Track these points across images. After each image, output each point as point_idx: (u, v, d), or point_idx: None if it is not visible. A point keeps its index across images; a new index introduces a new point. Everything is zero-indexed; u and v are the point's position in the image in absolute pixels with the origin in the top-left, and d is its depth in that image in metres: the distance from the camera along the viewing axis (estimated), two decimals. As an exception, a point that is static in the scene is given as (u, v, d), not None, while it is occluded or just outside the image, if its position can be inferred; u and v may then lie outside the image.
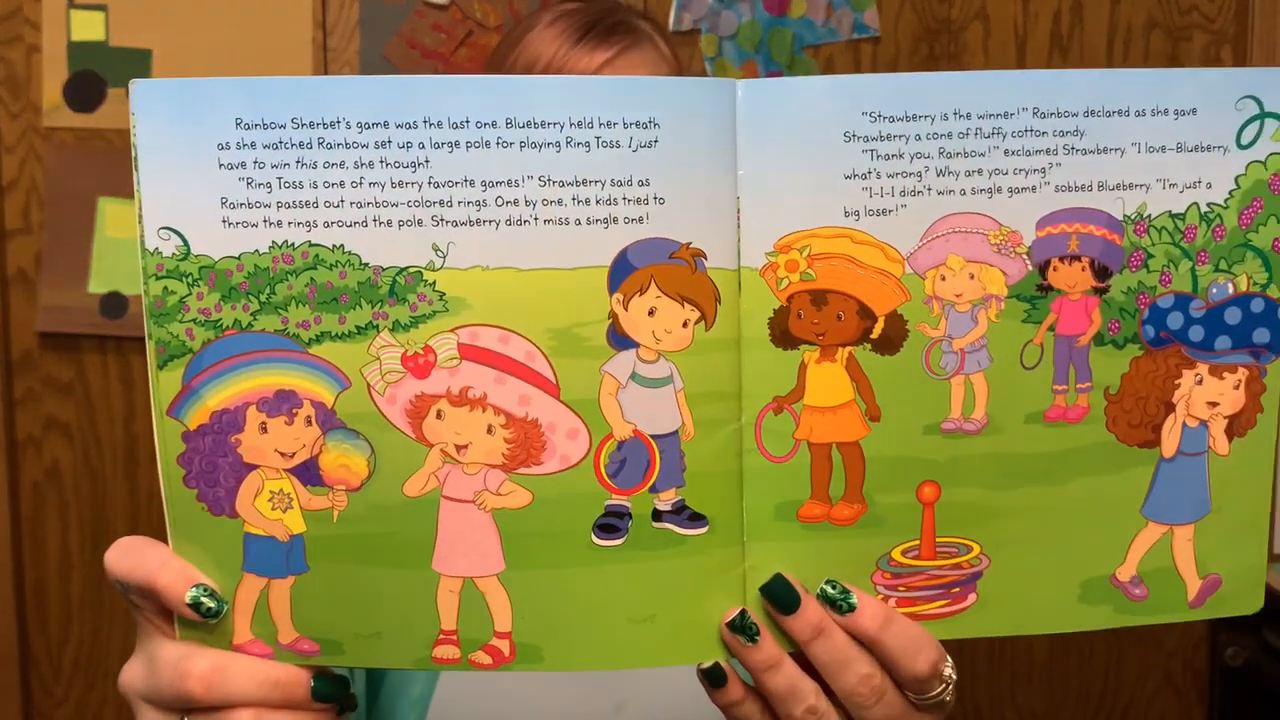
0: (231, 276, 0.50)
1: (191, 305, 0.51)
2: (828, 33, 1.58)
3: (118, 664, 1.59)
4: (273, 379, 0.51)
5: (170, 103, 0.49)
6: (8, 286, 1.54)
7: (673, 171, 0.50)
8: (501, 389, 0.51)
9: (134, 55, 1.51)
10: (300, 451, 0.52)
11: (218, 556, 0.54)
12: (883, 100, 0.51)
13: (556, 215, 0.50)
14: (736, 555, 0.54)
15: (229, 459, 0.53)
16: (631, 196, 0.50)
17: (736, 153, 0.51)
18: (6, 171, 1.53)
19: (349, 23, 1.53)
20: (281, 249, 0.50)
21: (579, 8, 1.02)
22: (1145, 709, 1.75)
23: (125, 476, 1.57)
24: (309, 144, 0.49)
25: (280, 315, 0.51)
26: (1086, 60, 1.62)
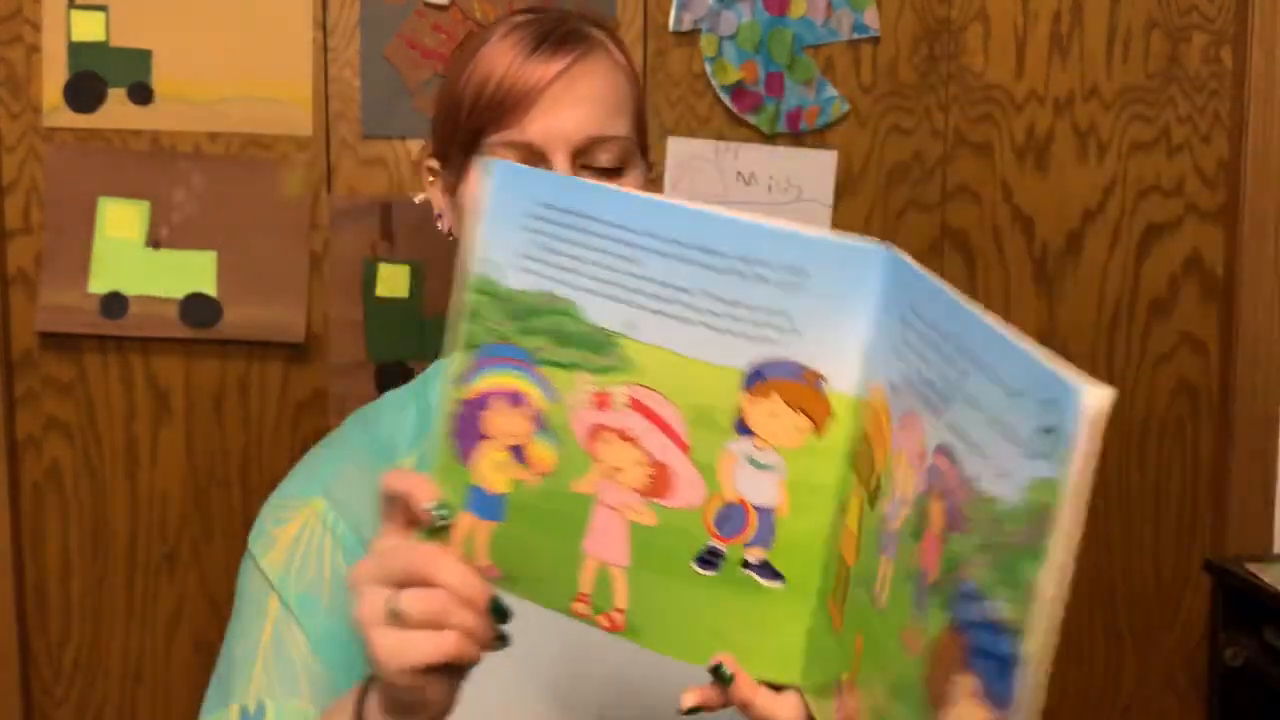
0: (513, 304, 0.69)
1: (488, 314, 0.70)
2: (827, 33, 1.58)
3: (118, 664, 1.59)
4: (513, 381, 0.71)
5: (511, 178, 0.70)
6: (8, 286, 1.54)
7: (811, 312, 0.64)
8: (650, 437, 0.68)
9: (134, 56, 1.51)
10: (518, 437, 0.71)
11: (451, 492, 0.72)
12: None
13: (714, 323, 0.65)
14: (800, 611, 0.68)
15: (475, 427, 0.71)
16: (774, 324, 0.65)
17: (866, 308, 0.63)
18: (7, 172, 1.53)
19: (349, 23, 1.53)
20: (543, 295, 0.69)
21: (532, 19, 1.03)
22: (1144, 709, 1.75)
23: (125, 476, 1.57)
24: (578, 229, 0.67)
25: (530, 339, 0.69)
26: (1086, 61, 1.62)
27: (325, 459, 1.07)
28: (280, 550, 1.00)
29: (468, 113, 1.00)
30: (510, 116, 0.99)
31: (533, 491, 0.70)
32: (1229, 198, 1.66)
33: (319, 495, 1.02)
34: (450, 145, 1.04)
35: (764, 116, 1.58)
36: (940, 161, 1.62)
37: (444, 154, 1.06)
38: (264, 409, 1.58)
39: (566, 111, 0.99)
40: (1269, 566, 1.57)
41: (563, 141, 0.99)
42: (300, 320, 1.54)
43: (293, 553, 1.00)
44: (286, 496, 1.04)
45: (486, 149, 1.00)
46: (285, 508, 1.03)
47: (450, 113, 1.03)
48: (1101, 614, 1.72)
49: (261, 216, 1.53)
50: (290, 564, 1.00)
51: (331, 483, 1.04)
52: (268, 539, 1.02)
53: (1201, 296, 1.68)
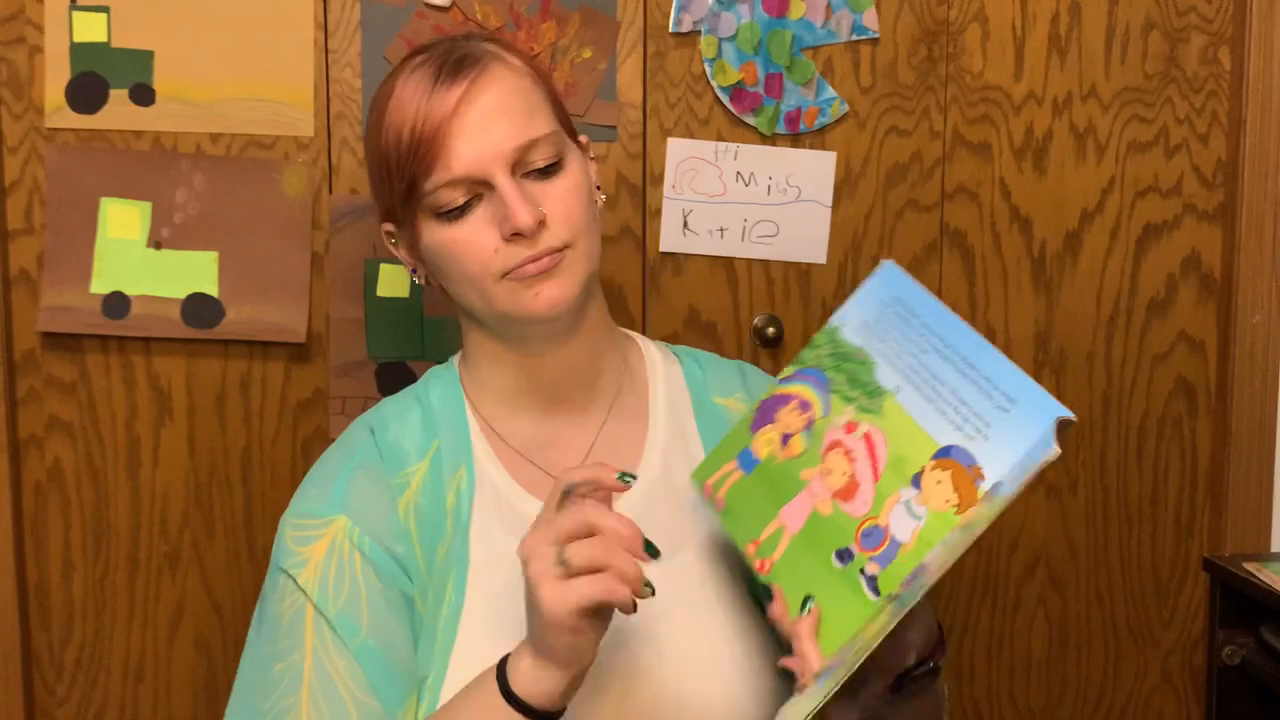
0: (839, 348, 1.00)
1: (821, 348, 1.01)
2: (827, 34, 1.58)
3: (119, 663, 1.60)
4: (810, 394, 1.00)
5: (891, 279, 1.00)
6: (10, 286, 1.55)
7: (1002, 428, 0.87)
8: (862, 461, 0.93)
9: (136, 57, 1.52)
10: (791, 429, 0.99)
11: (730, 449, 1.04)
12: None
13: (944, 409, 0.90)
14: (865, 616, 0.88)
15: (771, 413, 1.01)
16: (977, 426, 0.88)
17: (1030, 441, 0.85)
18: (9, 172, 1.53)
19: (350, 24, 1.54)
20: (859, 350, 0.98)
21: (425, 58, 1.05)
22: (1143, 707, 1.75)
23: (127, 476, 1.58)
24: (904, 319, 0.96)
25: (835, 374, 0.98)
26: (1084, 61, 1.63)
27: (337, 471, 1.07)
28: (313, 568, 1.01)
29: (396, 168, 1.02)
30: (434, 158, 1.00)
31: (776, 465, 0.99)
32: (1227, 198, 1.67)
33: (339, 512, 1.03)
34: (394, 205, 1.05)
35: (763, 117, 1.58)
36: (939, 162, 1.63)
37: (393, 215, 1.07)
38: (265, 408, 1.58)
39: (485, 133, 1.00)
40: (1267, 565, 1.58)
41: (494, 161, 1.01)
42: (301, 320, 1.54)
43: (326, 571, 1.01)
44: (306, 514, 1.04)
45: (428, 197, 1.01)
46: (308, 526, 1.03)
47: (382, 175, 1.04)
48: (1099, 612, 1.73)
49: (263, 217, 1.53)
50: (326, 582, 1.00)
51: (349, 497, 1.04)
52: (298, 557, 1.02)
53: (1199, 296, 1.69)
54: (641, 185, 1.59)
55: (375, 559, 1.02)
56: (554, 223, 1.02)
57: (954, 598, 1.71)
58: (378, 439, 1.08)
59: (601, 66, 1.56)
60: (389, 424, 1.10)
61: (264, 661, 1.01)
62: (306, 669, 0.98)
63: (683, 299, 1.62)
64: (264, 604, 1.05)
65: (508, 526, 1.06)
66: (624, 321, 1.60)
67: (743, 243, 1.60)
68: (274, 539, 1.08)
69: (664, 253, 1.60)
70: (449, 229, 1.03)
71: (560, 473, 0.92)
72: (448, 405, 1.12)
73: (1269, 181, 1.64)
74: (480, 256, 1.02)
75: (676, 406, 1.16)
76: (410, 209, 1.03)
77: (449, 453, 1.09)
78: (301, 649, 0.99)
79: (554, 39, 1.54)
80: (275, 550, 1.05)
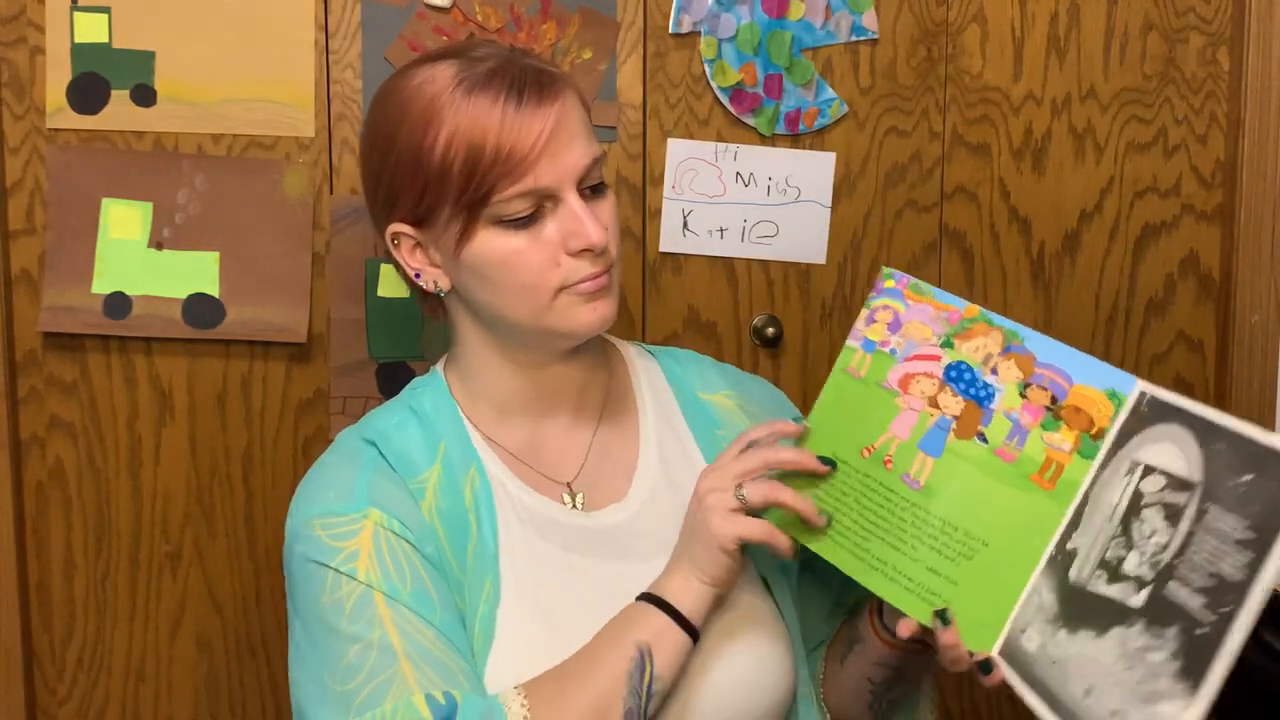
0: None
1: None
2: (826, 35, 1.59)
3: (121, 662, 1.60)
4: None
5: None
6: (12, 287, 1.55)
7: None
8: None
9: (137, 57, 1.52)
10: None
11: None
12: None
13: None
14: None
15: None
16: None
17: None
18: (10, 173, 1.54)
19: (350, 25, 1.54)
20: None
21: (491, 68, 1.05)
22: (1142, 707, 1.75)
23: (129, 476, 1.58)
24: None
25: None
26: (1083, 62, 1.63)
27: (352, 476, 1.07)
28: (368, 558, 1.00)
29: (465, 176, 1.02)
30: (522, 171, 1.02)
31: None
32: (1226, 198, 1.67)
33: (369, 507, 1.03)
34: (440, 207, 1.05)
35: (763, 118, 1.59)
36: (938, 162, 1.63)
37: (424, 218, 1.07)
38: (266, 408, 1.58)
39: (565, 152, 1.04)
40: (1265, 565, 1.58)
41: (567, 177, 1.05)
42: (302, 320, 1.55)
43: (382, 559, 1.01)
44: (333, 513, 1.04)
45: (495, 205, 1.03)
46: (339, 523, 1.03)
47: (433, 177, 1.04)
48: (1099, 612, 1.73)
49: (263, 217, 1.54)
50: (386, 570, 1.00)
51: (374, 495, 1.04)
52: (343, 552, 1.01)
53: (1198, 296, 1.69)
54: (641, 185, 1.60)
55: (420, 546, 1.04)
56: (608, 241, 1.07)
57: (953, 597, 1.71)
58: (382, 449, 1.09)
59: (601, 67, 1.56)
60: (389, 435, 1.10)
61: (335, 650, 1.00)
62: (396, 642, 0.98)
63: (682, 299, 1.62)
64: (308, 602, 1.03)
65: (523, 520, 1.08)
66: (624, 321, 1.61)
67: (742, 243, 1.61)
68: (286, 543, 1.08)
69: (664, 253, 1.61)
70: (510, 237, 1.04)
71: (750, 430, 1.09)
72: (442, 412, 1.12)
73: (1267, 182, 1.65)
74: (539, 268, 1.05)
75: (662, 403, 1.20)
76: (471, 216, 1.04)
77: (456, 455, 1.10)
78: (382, 627, 0.98)
79: (554, 39, 1.55)
80: (305, 549, 1.04)
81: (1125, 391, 0.99)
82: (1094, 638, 0.92)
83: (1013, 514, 1.00)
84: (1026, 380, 1.03)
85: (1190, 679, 0.84)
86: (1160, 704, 0.85)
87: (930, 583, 1.01)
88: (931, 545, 1.02)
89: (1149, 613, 0.89)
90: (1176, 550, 0.89)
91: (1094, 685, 0.91)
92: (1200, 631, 0.84)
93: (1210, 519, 0.88)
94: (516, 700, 0.97)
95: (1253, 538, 0.83)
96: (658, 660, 1.00)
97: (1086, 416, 1.00)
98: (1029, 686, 0.96)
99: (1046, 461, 1.00)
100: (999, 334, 1.05)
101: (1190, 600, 0.86)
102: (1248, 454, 0.87)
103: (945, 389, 1.05)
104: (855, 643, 1.15)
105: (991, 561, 1.00)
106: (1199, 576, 0.86)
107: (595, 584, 1.07)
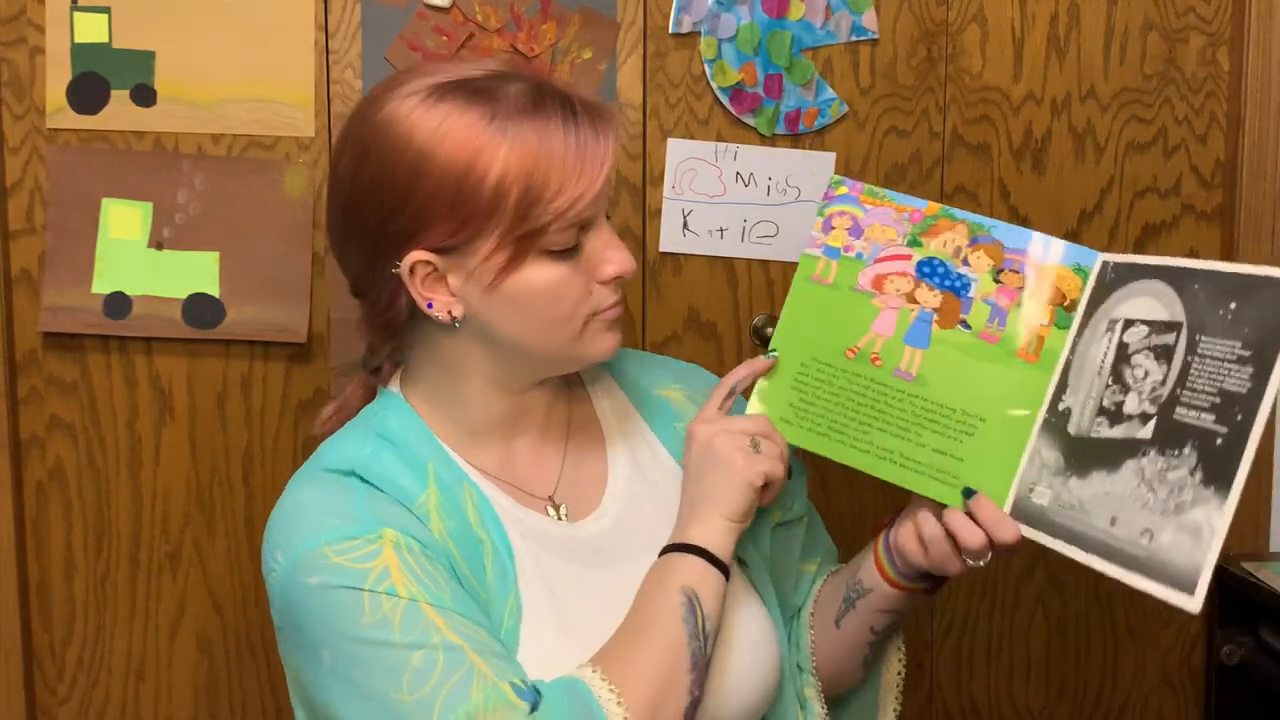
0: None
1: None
2: (826, 35, 1.59)
3: (121, 662, 1.60)
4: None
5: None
6: (12, 287, 1.55)
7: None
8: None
9: (137, 57, 1.52)
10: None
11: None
12: None
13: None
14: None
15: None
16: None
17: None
18: (10, 173, 1.54)
19: (351, 25, 1.54)
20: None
21: (540, 91, 1.02)
22: (1141, 706, 1.76)
23: (129, 476, 1.58)
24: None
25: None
26: (1083, 62, 1.63)
27: (346, 501, 1.02)
28: (401, 574, 0.97)
29: (524, 206, 0.99)
30: (584, 200, 1.01)
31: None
32: (1225, 198, 1.67)
33: (382, 527, 0.99)
34: (482, 238, 1.01)
35: (763, 118, 1.59)
36: (938, 162, 1.63)
37: (455, 248, 1.02)
38: (266, 408, 1.58)
39: (606, 180, 1.04)
40: (1265, 564, 1.58)
41: (605, 206, 1.06)
42: (302, 320, 1.55)
43: (415, 574, 0.97)
44: (345, 538, 0.98)
45: (550, 235, 1.01)
46: (355, 548, 0.98)
47: (482, 207, 0.99)
48: (1099, 611, 1.73)
49: (264, 217, 1.54)
50: (423, 582, 0.97)
51: (383, 516, 1.00)
52: (374, 573, 0.97)
53: (1198, 296, 1.69)
54: (641, 185, 1.60)
55: (441, 560, 1.01)
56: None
57: (954, 597, 1.71)
58: (366, 477, 1.03)
59: (601, 67, 1.56)
60: (368, 463, 1.04)
61: (394, 662, 0.95)
62: (459, 641, 0.95)
63: (682, 299, 1.62)
64: (342, 629, 0.96)
65: (524, 534, 1.07)
66: (624, 321, 1.61)
67: (742, 243, 1.61)
68: (285, 578, 0.99)
69: (664, 253, 1.61)
70: (556, 268, 1.03)
71: (728, 375, 1.14)
72: (413, 435, 1.08)
73: (1267, 182, 1.65)
74: (578, 297, 1.04)
75: (619, 406, 1.20)
76: (521, 247, 1.01)
77: (447, 476, 1.06)
78: (440, 633, 0.95)
79: (554, 40, 1.55)
80: (325, 579, 0.97)
81: (1088, 264, 1.09)
82: (1108, 475, 0.99)
83: (1004, 388, 1.08)
84: (998, 266, 1.11)
85: (1216, 483, 0.91)
86: (1191, 512, 0.92)
87: (939, 463, 1.09)
88: (933, 429, 1.09)
89: (1159, 440, 0.96)
90: (1175, 381, 0.97)
91: (1118, 514, 0.97)
92: (1219, 441, 0.92)
93: (1204, 347, 0.96)
94: (594, 676, 0.97)
95: (1251, 354, 0.92)
96: (704, 602, 1.02)
97: (1059, 291, 1.09)
98: (1054, 536, 1.02)
99: (1028, 337, 1.09)
100: (964, 227, 1.13)
101: (1200, 419, 0.94)
102: (1226, 286, 0.97)
103: (921, 285, 1.13)
104: (856, 598, 1.17)
105: (991, 434, 1.08)
106: (1203, 398, 0.94)
107: (600, 589, 1.07)
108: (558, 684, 0.97)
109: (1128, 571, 0.96)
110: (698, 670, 1.00)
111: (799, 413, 1.14)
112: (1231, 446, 0.91)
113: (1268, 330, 0.92)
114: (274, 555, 1.01)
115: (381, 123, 1.02)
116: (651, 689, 0.97)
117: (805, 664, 1.19)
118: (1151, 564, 0.94)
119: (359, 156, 1.03)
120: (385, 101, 1.03)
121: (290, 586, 0.99)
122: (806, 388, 1.14)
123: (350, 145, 1.04)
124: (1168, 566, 0.93)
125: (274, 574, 1.00)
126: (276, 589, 1.01)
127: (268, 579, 1.02)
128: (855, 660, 1.20)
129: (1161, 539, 0.93)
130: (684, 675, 0.99)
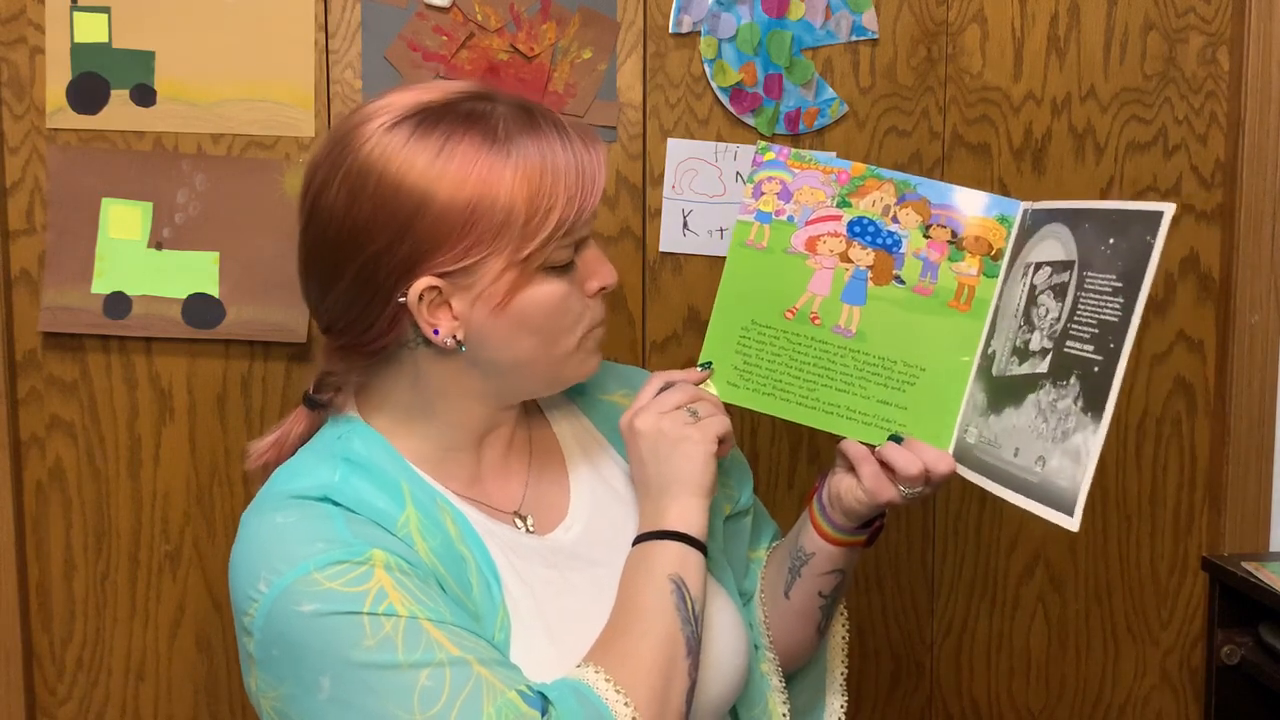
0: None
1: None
2: (826, 35, 1.59)
3: (121, 662, 1.60)
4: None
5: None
6: (12, 287, 1.55)
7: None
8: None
9: (137, 57, 1.52)
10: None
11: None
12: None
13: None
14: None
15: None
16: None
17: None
18: (10, 173, 1.54)
19: (350, 25, 1.54)
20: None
21: (542, 117, 1.03)
22: (1141, 706, 1.76)
23: (129, 476, 1.58)
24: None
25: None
26: (1083, 62, 1.63)
27: (326, 526, 0.99)
28: (397, 593, 0.95)
29: (534, 224, 1.00)
30: (584, 217, 1.03)
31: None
32: (1225, 198, 1.67)
33: (370, 549, 0.97)
34: (491, 259, 1.00)
35: (763, 118, 1.59)
36: (938, 162, 1.63)
37: (462, 271, 1.01)
38: (266, 408, 1.58)
39: (602, 188, 1.06)
40: (1265, 564, 1.58)
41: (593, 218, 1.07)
42: (302, 320, 1.55)
43: (410, 592, 0.96)
44: (333, 561, 0.96)
45: (553, 252, 1.02)
46: (346, 571, 0.95)
47: (493, 227, 0.99)
48: (1098, 611, 1.73)
49: (263, 217, 1.54)
50: (420, 599, 0.96)
51: (368, 538, 0.99)
52: (369, 595, 0.95)
53: (1198, 296, 1.69)
54: (641, 185, 1.60)
55: (431, 577, 1.00)
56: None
57: (953, 597, 1.71)
58: (340, 501, 1.01)
59: (601, 67, 1.56)
60: (338, 487, 1.01)
61: (401, 683, 0.93)
62: (464, 655, 0.94)
63: (682, 299, 1.62)
64: (342, 655, 0.94)
65: (501, 548, 1.07)
66: (624, 321, 1.61)
67: (742, 243, 1.61)
68: (271, 609, 0.96)
69: (664, 253, 1.61)
70: (557, 283, 1.04)
71: (660, 373, 1.15)
72: (381, 456, 1.06)
73: (1267, 182, 1.65)
74: (578, 311, 1.06)
75: (571, 416, 1.22)
76: (529, 264, 1.01)
77: (421, 494, 1.05)
78: (444, 649, 0.94)
79: (554, 39, 1.55)
80: (317, 606, 0.94)
81: (1012, 214, 1.16)
82: (1015, 410, 1.08)
83: (940, 338, 1.15)
84: (927, 222, 1.17)
85: (1093, 409, 1.00)
86: (1073, 437, 1.00)
87: (884, 413, 1.16)
88: (876, 381, 1.16)
89: (1053, 372, 1.05)
90: (1067, 316, 1.05)
91: (1020, 445, 1.06)
92: (1095, 369, 1.00)
93: (1089, 282, 1.04)
94: (597, 676, 0.97)
95: (1122, 285, 1.00)
96: (691, 586, 1.04)
97: (985, 242, 1.16)
98: (976, 471, 1.11)
99: (959, 288, 1.16)
100: (891, 185, 1.18)
101: (1083, 349, 1.02)
102: (1108, 222, 1.04)
103: (853, 244, 1.18)
104: (801, 565, 1.20)
105: (931, 382, 1.15)
106: (1086, 330, 1.02)
107: (578, 593, 1.07)
108: (562, 686, 0.97)
109: (1023, 498, 1.04)
110: (693, 655, 1.02)
111: (744, 375, 1.18)
112: (1105, 373, 0.99)
113: (1135, 261, 1.00)
114: (254, 586, 0.97)
115: (373, 156, 1.00)
116: (656, 682, 0.98)
117: (761, 641, 1.21)
118: (1042, 489, 1.02)
119: (351, 192, 1.00)
120: (368, 134, 1.00)
121: (279, 616, 0.95)
122: (749, 350, 1.18)
123: (338, 182, 1.01)
124: (1053, 489, 1.01)
125: (255, 604, 0.96)
126: (259, 620, 0.96)
127: (245, 610, 0.98)
128: (809, 629, 1.23)
129: (1050, 464, 1.02)
130: (682, 662, 1.01)
